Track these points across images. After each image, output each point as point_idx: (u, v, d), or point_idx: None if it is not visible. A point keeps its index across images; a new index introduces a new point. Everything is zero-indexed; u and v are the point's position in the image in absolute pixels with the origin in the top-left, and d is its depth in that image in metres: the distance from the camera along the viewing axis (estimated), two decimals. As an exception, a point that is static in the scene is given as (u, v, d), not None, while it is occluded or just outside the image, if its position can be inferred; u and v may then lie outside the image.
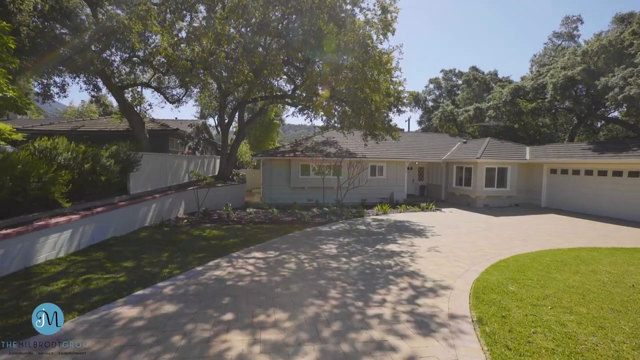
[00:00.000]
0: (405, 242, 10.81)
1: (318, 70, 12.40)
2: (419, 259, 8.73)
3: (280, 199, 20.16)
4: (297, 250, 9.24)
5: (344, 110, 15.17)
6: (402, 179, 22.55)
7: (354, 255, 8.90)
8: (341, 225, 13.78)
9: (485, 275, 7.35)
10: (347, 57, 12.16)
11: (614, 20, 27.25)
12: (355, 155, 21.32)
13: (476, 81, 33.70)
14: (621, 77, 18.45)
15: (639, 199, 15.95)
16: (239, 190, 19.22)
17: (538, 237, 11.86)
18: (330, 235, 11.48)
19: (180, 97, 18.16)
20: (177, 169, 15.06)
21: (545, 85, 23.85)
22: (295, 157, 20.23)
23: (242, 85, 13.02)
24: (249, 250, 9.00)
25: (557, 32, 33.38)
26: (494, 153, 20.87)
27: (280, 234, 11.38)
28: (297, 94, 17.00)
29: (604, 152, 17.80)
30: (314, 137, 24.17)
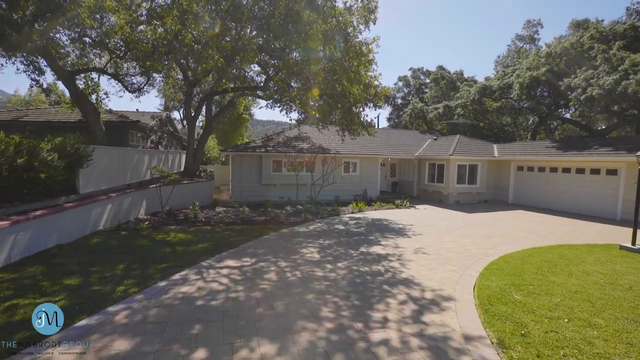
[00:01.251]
0: (388, 243, 10.01)
1: (295, 59, 11.23)
2: (408, 262, 7.93)
3: (250, 196, 18.85)
4: (275, 256, 8.12)
5: (320, 104, 14.10)
6: (375, 175, 21.94)
7: (339, 260, 7.94)
8: (318, 225, 12.79)
9: (484, 281, 6.65)
10: (326, 46, 11.10)
11: (571, 25, 28.16)
12: (328, 151, 20.42)
13: (444, 80, 33.88)
14: (583, 78, 18.80)
15: (600, 195, 16.35)
16: (207, 188, 17.69)
17: (515, 235, 11.66)
18: (309, 237, 10.44)
19: (141, 86, 16.23)
20: (137, 165, 13.35)
21: (511, 85, 24.13)
22: (266, 152, 18.96)
23: (212, 73, 11.56)
24: (221, 258, 7.75)
25: (519, 35, 34.31)
26: (464, 150, 20.74)
27: (254, 237, 10.19)
28: (270, 85, 15.74)
29: (568, 150, 18.10)
30: (286, 132, 22.97)
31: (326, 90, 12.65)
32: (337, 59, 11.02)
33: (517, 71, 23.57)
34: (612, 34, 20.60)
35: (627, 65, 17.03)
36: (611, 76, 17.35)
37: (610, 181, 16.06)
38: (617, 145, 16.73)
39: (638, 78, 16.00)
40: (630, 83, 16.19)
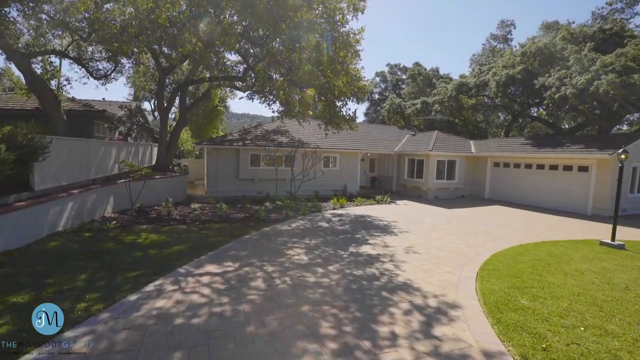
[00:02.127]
0: (377, 241, 9.48)
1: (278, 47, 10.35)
2: (402, 264, 7.40)
3: (227, 191, 17.83)
4: (260, 258, 7.35)
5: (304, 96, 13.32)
6: (355, 170, 21.43)
7: (329, 262, 7.28)
8: (301, 222, 12.09)
9: (485, 284, 6.21)
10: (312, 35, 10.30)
11: (542, 27, 28.78)
12: (308, 145, 19.67)
13: (420, 76, 33.85)
14: (557, 77, 19.06)
15: (572, 191, 16.67)
16: (181, 183, 16.50)
17: (498, 231, 11.55)
18: (293, 236, 9.71)
19: (107, 73, 14.72)
20: (103, 158, 12.06)
21: (487, 83, 24.29)
22: (244, 146, 17.95)
23: (190, 57, 10.42)
24: (200, 263, 6.88)
25: (494, 35, 34.82)
26: (443, 146, 20.63)
27: (234, 236, 9.34)
28: (252, 76, 14.76)
29: (542, 147, 18.35)
30: (264, 125, 21.99)
31: (311, 82, 11.88)
32: (324, 49, 10.26)
33: (494, 69, 23.75)
34: (582, 35, 21.05)
35: (598, 66, 17.36)
36: (583, 76, 17.65)
37: (582, 178, 16.37)
38: (588, 143, 17.07)
39: (609, 78, 16.31)
40: (602, 83, 16.50)
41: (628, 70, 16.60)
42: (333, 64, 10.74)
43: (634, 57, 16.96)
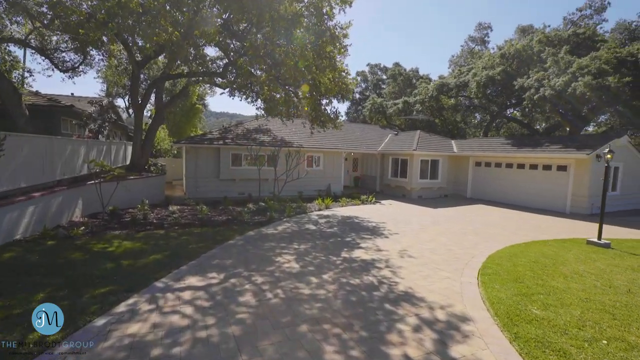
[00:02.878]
0: (368, 245, 8.95)
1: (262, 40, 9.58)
2: (399, 270, 6.88)
3: (207, 192, 16.89)
4: (247, 267, 6.62)
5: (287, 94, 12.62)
6: (339, 170, 20.91)
7: (322, 270, 6.66)
8: (287, 224, 11.41)
9: (490, 290, 5.77)
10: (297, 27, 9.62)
11: (517, 30, 29.22)
12: (291, 144, 19.00)
13: (401, 76, 33.75)
14: (535, 79, 19.22)
15: (551, 190, 16.81)
16: (158, 183, 15.44)
17: (487, 231, 11.34)
18: (280, 241, 9.02)
19: (75, 65, 13.46)
20: (71, 158, 10.92)
21: (467, 83, 24.35)
22: (225, 145, 17.05)
23: (166, 49, 9.46)
24: (180, 274, 6.08)
25: (472, 36, 35.20)
26: (426, 145, 20.43)
27: (217, 241, 8.55)
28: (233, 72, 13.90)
29: (522, 147, 18.45)
30: (245, 124, 21.10)
31: (296, 79, 11.20)
32: (311, 42, 9.60)
33: (474, 70, 23.84)
34: (558, 39, 21.38)
35: (574, 68, 17.58)
36: (561, 78, 17.83)
37: (561, 177, 16.51)
38: (566, 143, 17.26)
39: (585, 80, 16.51)
40: (579, 85, 16.69)
41: (602, 72, 16.87)
42: (320, 59, 10.10)
43: (607, 60, 17.27)
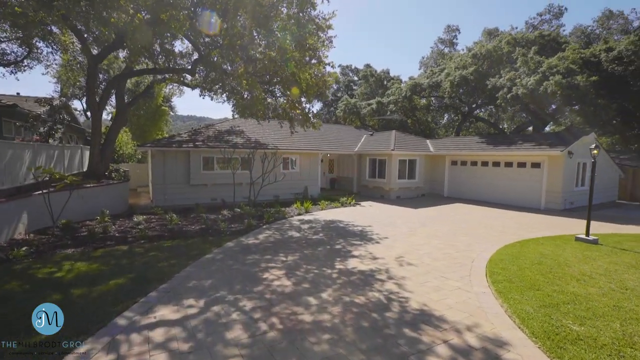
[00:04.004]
0: (361, 252, 8.13)
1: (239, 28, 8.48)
2: (403, 281, 6.10)
3: (177, 199, 15.43)
4: (231, 289, 5.55)
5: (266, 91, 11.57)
6: (315, 172, 20.03)
7: (319, 287, 5.72)
8: (268, 232, 10.36)
9: (512, 303, 5.09)
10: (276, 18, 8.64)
11: (484, 33, 29.81)
12: (266, 146, 17.89)
13: (373, 77, 33.51)
14: (508, 79, 19.39)
15: (526, 187, 16.88)
16: (121, 191, 13.81)
17: (476, 232, 10.92)
18: (264, 252, 7.98)
19: (18, 59, 11.62)
20: (12, 164, 9.23)
21: (439, 83, 24.34)
22: (195, 147, 15.66)
23: (126, 38, 8.07)
24: (149, 305, 4.90)
25: (441, 38, 35.59)
26: (403, 145, 20.04)
27: (192, 257, 7.37)
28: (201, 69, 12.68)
29: (497, 145, 18.49)
30: (217, 125, 19.73)
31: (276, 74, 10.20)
32: (292, 34, 8.64)
33: (446, 70, 23.86)
34: (525, 40, 21.80)
35: (545, 67, 17.85)
36: (532, 77, 18.03)
37: (535, 174, 16.60)
38: (538, 141, 17.44)
39: (556, 79, 16.74)
40: (550, 84, 16.90)
41: (570, 72, 17.20)
42: (303, 51, 9.16)
43: (574, 60, 17.66)
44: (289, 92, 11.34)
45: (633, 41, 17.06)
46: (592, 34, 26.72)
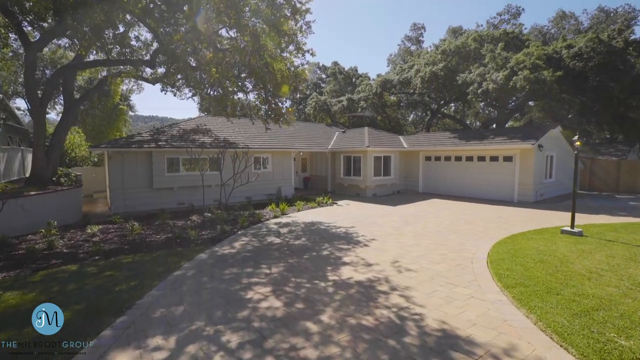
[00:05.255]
0: (352, 258, 7.28)
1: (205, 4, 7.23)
2: (408, 292, 5.31)
3: (139, 205, 13.82)
4: (210, 317, 4.45)
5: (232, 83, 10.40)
6: (288, 171, 19.00)
7: (316, 307, 4.76)
8: (245, 239, 9.25)
9: (540, 314, 4.42)
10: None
11: (448, 31, 30.10)
12: (236, 145, 16.60)
13: (341, 74, 32.89)
14: (477, 74, 19.40)
15: (500, 180, 16.90)
16: (72, 198, 12.02)
17: (460, 228, 10.51)
18: (244, 264, 6.89)
19: None
20: None
21: (409, 80, 24.11)
22: (158, 148, 14.09)
23: (68, 18, 6.55)
24: (100, 352, 3.63)
25: (408, 36, 35.67)
26: (377, 142, 19.50)
27: (158, 275, 6.13)
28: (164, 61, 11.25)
29: (470, 140, 18.41)
30: (181, 124, 18.09)
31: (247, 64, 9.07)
32: (267, 17, 7.57)
33: (416, 66, 23.67)
34: (490, 38, 22.04)
35: (513, 63, 17.99)
36: (501, 72, 18.11)
37: (507, 167, 16.64)
38: (509, 135, 17.54)
39: (525, 74, 16.88)
40: (519, 78, 17.01)
41: (537, 67, 17.43)
42: (278, 37, 8.11)
43: (539, 56, 17.93)
44: (262, 85, 10.22)
45: (591, 38, 17.59)
46: (548, 33, 27.81)
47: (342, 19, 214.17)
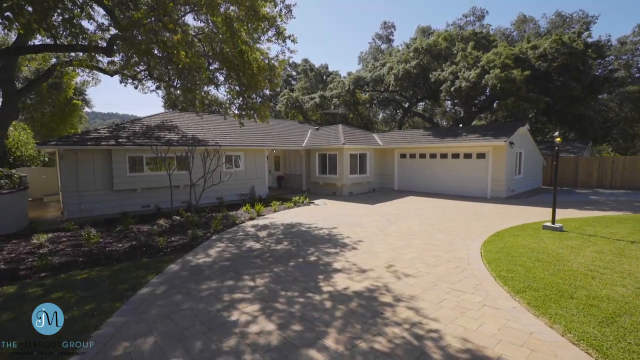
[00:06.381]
0: (343, 264, 6.61)
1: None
2: (414, 302, 4.72)
3: (97, 209, 12.35)
4: (188, 351, 3.56)
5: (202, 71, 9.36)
6: (262, 170, 18.03)
7: (316, 329, 4.02)
8: (221, 245, 8.30)
9: (564, 323, 4.01)
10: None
11: (417, 31, 30.28)
12: (206, 142, 15.44)
13: (312, 72, 32.17)
14: (450, 72, 19.44)
15: (473, 177, 17.00)
16: (14, 203, 10.37)
17: (444, 225, 10.24)
18: (223, 276, 6.00)
19: None
20: None
21: (382, 77, 23.87)
22: (119, 145, 12.65)
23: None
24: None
25: (378, 34, 35.55)
26: (353, 139, 19.02)
27: (121, 295, 5.10)
28: (118, 45, 9.96)
29: (444, 137, 18.40)
30: (144, 120, 16.54)
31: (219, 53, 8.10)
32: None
33: (389, 64, 23.46)
34: (460, 37, 22.26)
35: (484, 62, 18.16)
36: (473, 71, 18.24)
37: (480, 164, 16.76)
38: (482, 132, 17.69)
39: (496, 72, 17.07)
40: (491, 77, 17.18)
41: (506, 66, 17.71)
42: (255, 20, 7.23)
43: (507, 55, 18.26)
44: (235, 76, 9.27)
45: (555, 40, 18.16)
46: (511, 35, 28.77)
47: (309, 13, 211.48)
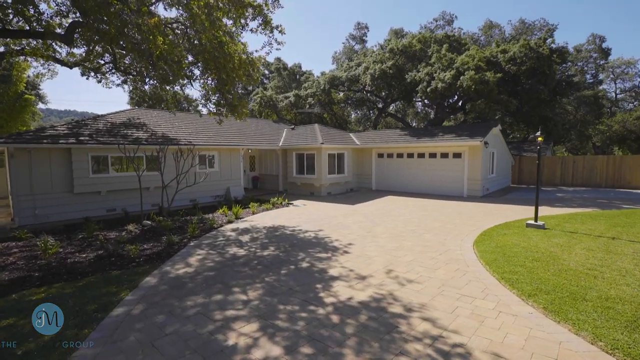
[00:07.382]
0: (339, 270, 6.15)
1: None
2: (427, 312, 4.34)
3: (55, 214, 11.08)
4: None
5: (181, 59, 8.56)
6: (237, 170, 17.20)
7: (329, 350, 3.51)
8: (202, 252, 7.55)
9: (590, 330, 3.80)
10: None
11: (390, 32, 30.51)
12: (177, 141, 14.44)
13: (286, 70, 31.49)
14: (425, 73, 19.59)
15: (450, 176, 17.18)
16: (-47, 210, 8.94)
17: (430, 225, 10.08)
18: (209, 290, 5.31)
19: None
20: None
21: (358, 77, 23.70)
22: (80, 144, 11.41)
23: None
24: None
25: (352, 35, 35.44)
26: (330, 139, 18.64)
27: (90, 318, 4.29)
28: (79, 33, 8.91)
29: (421, 137, 18.48)
30: (108, 117, 15.16)
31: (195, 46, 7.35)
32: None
33: (364, 64, 23.32)
34: (434, 39, 22.56)
35: (458, 64, 18.44)
36: (448, 72, 18.47)
37: (457, 163, 16.96)
38: (458, 132, 17.93)
39: (470, 74, 17.36)
40: (466, 78, 17.45)
41: (479, 69, 18.09)
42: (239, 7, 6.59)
43: (480, 58, 18.67)
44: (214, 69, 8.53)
45: (523, 44, 18.82)
46: (479, 40, 29.74)
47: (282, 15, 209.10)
